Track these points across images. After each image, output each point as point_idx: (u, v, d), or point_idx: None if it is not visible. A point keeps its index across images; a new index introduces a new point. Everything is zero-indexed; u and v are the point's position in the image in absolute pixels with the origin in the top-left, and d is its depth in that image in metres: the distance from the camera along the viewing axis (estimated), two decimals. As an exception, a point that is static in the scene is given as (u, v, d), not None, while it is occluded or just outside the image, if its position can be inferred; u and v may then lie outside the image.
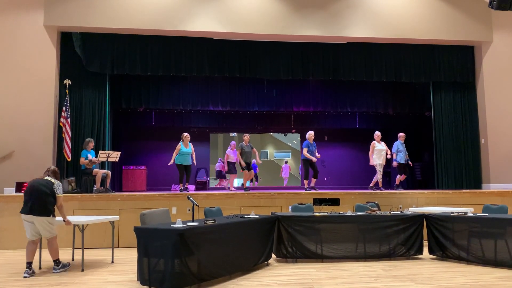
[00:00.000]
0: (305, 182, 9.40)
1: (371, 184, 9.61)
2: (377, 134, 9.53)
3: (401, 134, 9.78)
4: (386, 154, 9.47)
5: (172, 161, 8.83)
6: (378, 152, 9.42)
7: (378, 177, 9.42)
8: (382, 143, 9.50)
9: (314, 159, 9.20)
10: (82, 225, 5.63)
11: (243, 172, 9.57)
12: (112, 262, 6.09)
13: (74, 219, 5.77)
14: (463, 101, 10.53)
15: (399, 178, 9.70)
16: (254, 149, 9.62)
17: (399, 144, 9.66)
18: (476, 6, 10.00)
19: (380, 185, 9.44)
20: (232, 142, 10.46)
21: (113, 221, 6.13)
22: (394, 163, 9.60)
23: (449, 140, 10.40)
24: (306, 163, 9.33)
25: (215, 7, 9.30)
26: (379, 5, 9.76)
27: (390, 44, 10.16)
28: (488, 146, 10.02)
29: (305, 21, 9.53)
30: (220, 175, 13.27)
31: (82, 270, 5.51)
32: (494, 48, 10.16)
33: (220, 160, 13.45)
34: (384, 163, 9.47)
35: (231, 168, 10.05)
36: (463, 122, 10.45)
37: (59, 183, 5.52)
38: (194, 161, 9.03)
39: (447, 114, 10.52)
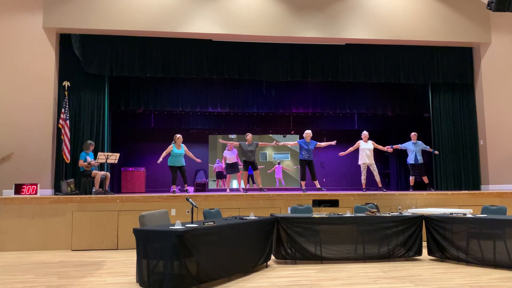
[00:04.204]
0: (302, 183, 9.36)
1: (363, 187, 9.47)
2: (364, 133, 9.54)
3: (412, 134, 9.92)
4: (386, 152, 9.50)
5: (160, 160, 8.98)
6: (361, 152, 9.42)
7: (362, 177, 9.38)
8: (370, 142, 9.43)
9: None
10: None
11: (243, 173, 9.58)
12: None
13: None
14: (462, 102, 10.52)
15: (411, 179, 9.87)
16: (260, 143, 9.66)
17: (409, 144, 9.84)
18: (475, 7, 10.01)
19: (363, 186, 9.34)
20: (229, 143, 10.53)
21: None
22: (389, 149, 9.74)
23: (448, 141, 10.39)
24: (303, 163, 9.32)
25: (214, 8, 9.30)
26: (377, 6, 9.77)
27: (388, 46, 10.16)
28: (486, 147, 10.03)
29: (304, 22, 9.53)
30: (220, 175, 13.28)
31: None
32: (492, 50, 10.17)
33: (218, 161, 13.45)
34: (371, 162, 9.35)
35: (228, 168, 10.06)
36: (461, 123, 10.44)
37: None
38: (197, 159, 9.34)
39: (445, 115, 10.51)
